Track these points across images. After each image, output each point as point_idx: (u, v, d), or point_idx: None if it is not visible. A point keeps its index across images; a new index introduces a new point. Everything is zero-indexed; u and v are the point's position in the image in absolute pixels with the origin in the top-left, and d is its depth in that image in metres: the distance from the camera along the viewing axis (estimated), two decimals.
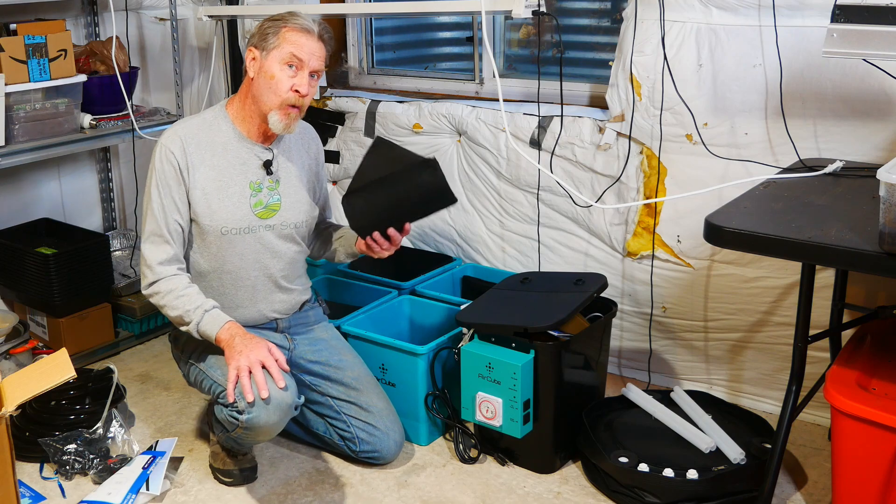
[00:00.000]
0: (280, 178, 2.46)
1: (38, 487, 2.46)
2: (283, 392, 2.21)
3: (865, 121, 2.43)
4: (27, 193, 3.43)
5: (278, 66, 2.32)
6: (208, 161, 2.36)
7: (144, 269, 2.36)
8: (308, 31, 2.34)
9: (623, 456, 2.34)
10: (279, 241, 2.46)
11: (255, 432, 2.24)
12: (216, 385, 2.33)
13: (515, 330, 2.41)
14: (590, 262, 3.00)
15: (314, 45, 2.35)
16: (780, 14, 2.46)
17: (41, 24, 2.98)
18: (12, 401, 1.91)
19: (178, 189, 2.34)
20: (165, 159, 2.34)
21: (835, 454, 2.07)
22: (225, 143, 2.40)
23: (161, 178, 2.34)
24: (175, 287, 2.32)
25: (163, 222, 2.33)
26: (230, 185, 2.38)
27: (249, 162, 2.42)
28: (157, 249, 2.34)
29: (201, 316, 2.29)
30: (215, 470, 2.50)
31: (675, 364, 2.95)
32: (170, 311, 2.33)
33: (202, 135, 2.38)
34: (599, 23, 3.12)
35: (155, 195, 2.33)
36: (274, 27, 2.34)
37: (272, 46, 2.32)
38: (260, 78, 2.34)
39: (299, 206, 2.49)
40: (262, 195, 2.42)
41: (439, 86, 3.42)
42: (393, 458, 2.54)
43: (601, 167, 2.88)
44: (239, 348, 2.22)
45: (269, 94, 2.33)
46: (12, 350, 3.20)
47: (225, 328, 2.28)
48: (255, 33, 2.38)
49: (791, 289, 2.63)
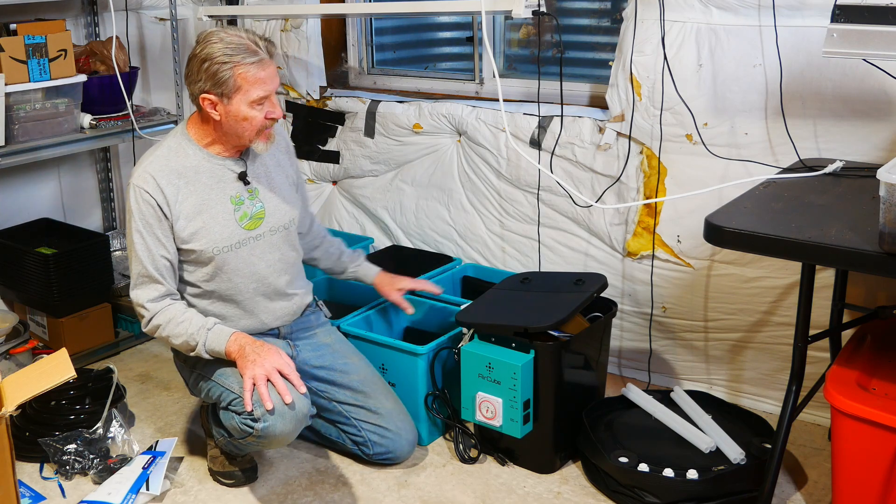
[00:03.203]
0: (258, 185, 2.42)
1: (38, 487, 2.46)
2: (299, 401, 2.21)
3: (865, 121, 2.43)
4: (27, 193, 3.43)
5: (247, 107, 2.24)
6: (184, 189, 2.31)
7: (138, 310, 2.33)
8: (261, 62, 2.23)
9: (623, 456, 2.34)
10: (272, 249, 2.44)
11: (268, 441, 2.23)
12: (227, 393, 2.30)
13: (515, 330, 2.41)
14: (590, 262, 3.00)
15: (270, 70, 2.26)
16: (780, 14, 2.46)
17: (41, 24, 2.98)
18: (12, 401, 1.91)
19: (161, 225, 2.29)
20: (142, 199, 2.27)
21: (835, 454, 2.07)
22: (196, 167, 2.34)
23: (140, 219, 2.28)
24: (173, 316, 2.30)
25: (150, 263, 2.29)
26: (213, 206, 2.34)
27: (224, 177, 2.37)
28: (146, 290, 2.30)
29: (205, 335, 2.28)
30: (216, 473, 2.50)
31: (675, 364, 2.95)
32: (174, 339, 2.30)
33: (171, 163, 2.31)
34: (599, 23, 3.12)
35: (137, 238, 2.28)
36: (224, 70, 2.21)
37: (232, 91, 2.23)
38: (229, 120, 2.27)
39: (284, 207, 2.46)
40: (245, 206, 2.38)
41: (439, 86, 3.42)
42: (407, 457, 2.54)
43: (601, 167, 2.88)
44: (252, 357, 2.21)
45: (245, 131, 2.29)
46: (12, 350, 3.20)
47: (232, 340, 2.27)
48: (201, 77, 2.23)
49: (791, 289, 2.63)
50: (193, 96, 2.30)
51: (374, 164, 3.41)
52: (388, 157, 3.37)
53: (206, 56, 2.23)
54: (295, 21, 3.45)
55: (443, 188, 3.28)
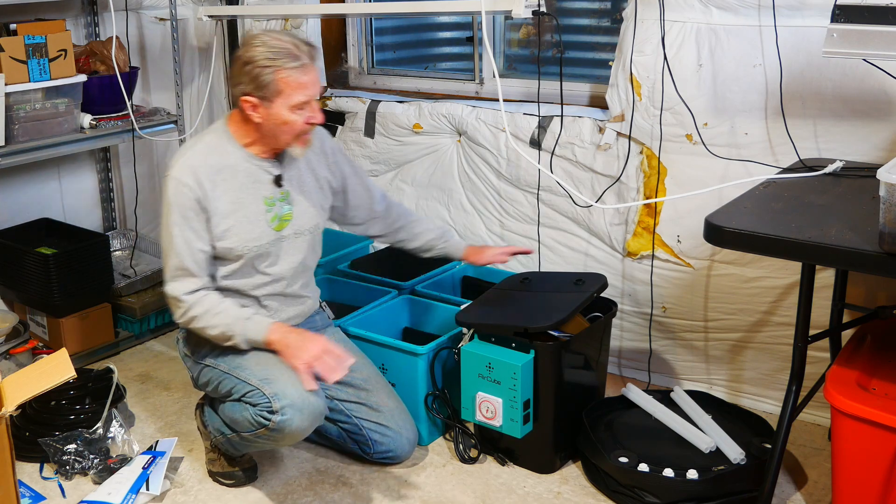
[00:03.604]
0: (289, 188, 2.42)
1: (38, 487, 2.46)
2: (316, 398, 2.22)
3: (865, 121, 2.43)
4: (27, 193, 3.43)
5: (287, 112, 2.24)
6: (221, 186, 2.30)
7: (173, 303, 2.31)
8: (304, 67, 2.23)
9: (623, 456, 2.34)
10: (295, 251, 2.44)
11: (281, 436, 2.22)
12: (242, 385, 2.28)
13: (515, 330, 2.41)
14: (590, 262, 3.00)
15: (312, 75, 2.26)
16: (780, 14, 2.46)
17: (41, 24, 2.98)
18: (12, 401, 1.91)
19: (199, 219, 2.28)
20: (181, 193, 2.26)
21: (835, 454, 2.07)
22: (234, 166, 2.33)
23: (179, 212, 2.26)
24: (210, 307, 2.29)
25: (188, 256, 2.27)
26: (247, 206, 2.34)
27: (260, 178, 2.37)
28: (183, 283, 2.29)
29: (244, 325, 2.28)
30: (216, 475, 2.49)
31: (675, 364, 2.95)
32: (210, 330, 2.30)
33: (211, 160, 2.31)
34: (599, 23, 3.12)
35: (176, 231, 2.26)
36: (267, 73, 2.20)
37: (273, 94, 2.22)
38: (269, 123, 2.26)
39: (311, 211, 2.46)
40: (276, 208, 2.39)
41: (439, 86, 3.42)
42: (407, 456, 2.54)
43: (601, 167, 2.88)
44: (297, 344, 2.25)
45: (284, 135, 2.29)
46: (12, 350, 3.20)
47: (272, 330, 2.28)
48: (244, 79, 2.23)
49: (791, 289, 2.63)
50: (234, 98, 2.30)
51: (374, 164, 3.41)
52: (388, 157, 3.37)
53: (248, 59, 2.22)
54: (295, 21, 3.45)
55: (443, 188, 3.28)
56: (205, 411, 2.52)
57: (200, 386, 2.47)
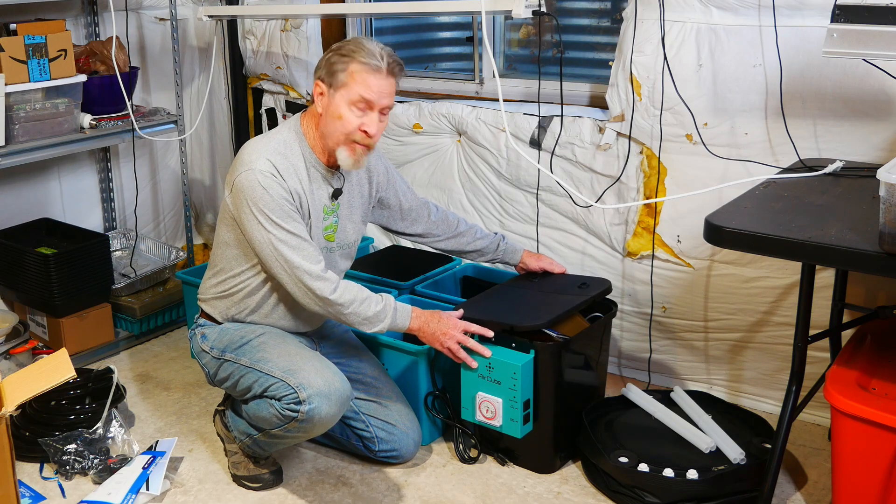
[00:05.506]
0: (341, 201, 2.44)
1: (38, 487, 2.46)
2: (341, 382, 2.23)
3: (865, 121, 2.44)
4: (27, 193, 3.43)
5: (346, 106, 2.24)
6: (294, 184, 2.29)
7: (311, 280, 2.24)
8: (377, 70, 2.23)
9: (623, 456, 2.34)
10: (334, 263, 2.46)
11: (311, 425, 2.22)
12: (266, 378, 2.26)
13: (503, 328, 2.41)
14: (590, 263, 3.00)
15: (383, 83, 2.25)
16: (780, 14, 2.46)
17: (41, 24, 2.98)
18: (12, 401, 1.92)
19: (292, 206, 2.26)
20: (267, 184, 2.22)
21: (835, 454, 2.07)
22: (305, 167, 2.33)
23: (277, 206, 2.22)
24: (355, 296, 2.28)
25: (306, 240, 2.26)
26: (315, 209, 2.35)
27: (324, 186, 2.38)
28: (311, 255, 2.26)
29: (392, 313, 2.32)
30: (241, 478, 2.47)
31: (675, 364, 2.95)
32: (354, 317, 2.29)
33: (287, 158, 2.29)
34: (599, 23, 3.12)
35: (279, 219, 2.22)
36: (342, 62, 2.24)
37: (340, 84, 2.24)
38: (327, 115, 2.28)
39: (351, 226, 2.49)
40: (329, 219, 2.41)
41: (439, 86, 3.42)
42: (411, 457, 2.54)
43: (601, 167, 2.88)
44: (441, 329, 2.35)
45: (336, 132, 2.27)
46: (12, 350, 3.20)
47: (415, 317, 2.36)
48: (323, 65, 2.29)
49: (791, 289, 2.63)
50: (313, 84, 2.33)
51: None
52: (388, 157, 3.37)
53: (335, 48, 2.29)
54: (295, 21, 3.45)
55: (443, 188, 3.28)
56: (227, 416, 2.51)
57: (218, 382, 2.44)
